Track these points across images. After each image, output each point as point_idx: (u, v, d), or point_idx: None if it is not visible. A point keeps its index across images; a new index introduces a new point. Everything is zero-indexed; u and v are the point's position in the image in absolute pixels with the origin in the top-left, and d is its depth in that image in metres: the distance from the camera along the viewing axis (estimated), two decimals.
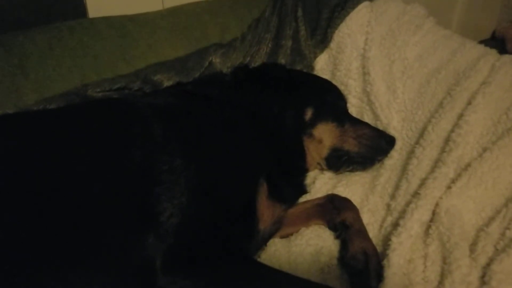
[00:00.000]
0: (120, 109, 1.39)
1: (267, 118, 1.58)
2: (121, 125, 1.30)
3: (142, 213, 1.16)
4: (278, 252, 1.41)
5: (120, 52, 1.83)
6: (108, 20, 1.87)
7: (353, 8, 1.99)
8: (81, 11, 1.96)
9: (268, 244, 1.45)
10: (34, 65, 1.66)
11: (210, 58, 1.89)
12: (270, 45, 2.01)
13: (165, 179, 1.20)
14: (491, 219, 1.38)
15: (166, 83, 1.80)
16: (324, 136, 1.67)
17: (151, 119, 1.33)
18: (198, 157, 1.29)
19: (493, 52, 1.80)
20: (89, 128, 1.29)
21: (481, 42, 1.86)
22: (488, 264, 1.26)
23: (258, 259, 1.39)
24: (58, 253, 1.06)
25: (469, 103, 1.57)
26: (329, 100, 1.75)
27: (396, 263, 1.29)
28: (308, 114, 1.66)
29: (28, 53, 1.67)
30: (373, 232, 1.49)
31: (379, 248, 1.40)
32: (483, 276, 1.24)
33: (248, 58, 1.97)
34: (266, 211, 1.36)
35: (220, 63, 1.90)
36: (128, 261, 1.11)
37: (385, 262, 1.30)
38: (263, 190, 1.36)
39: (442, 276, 1.27)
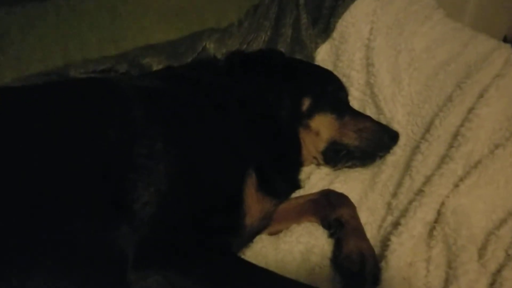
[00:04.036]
0: (100, 88, 1.31)
1: (261, 106, 1.49)
2: (98, 104, 1.21)
3: (115, 200, 1.06)
4: (265, 249, 1.31)
5: (109, 33, 1.75)
6: (98, 1, 1.78)
7: None
8: None
9: (254, 240, 1.35)
10: (13, 41, 1.59)
11: (204, 43, 1.79)
12: (269, 33, 1.92)
13: (143, 164, 1.11)
14: (503, 221, 1.28)
15: (156, 68, 1.72)
16: (322, 128, 1.58)
17: (132, 100, 1.24)
18: (181, 142, 1.20)
19: (507, 46, 1.70)
20: (63, 105, 1.20)
21: None
22: (499, 271, 1.17)
23: (243, 256, 1.29)
24: (17, 242, 0.96)
25: (480, 96, 1.47)
26: (328, 91, 1.65)
27: (395, 265, 1.20)
28: (306, 104, 1.57)
29: (8, 29, 1.60)
30: (372, 232, 1.38)
31: (377, 249, 1.30)
32: (492, 283, 1.14)
33: (245, 46, 1.87)
34: (254, 204, 1.26)
35: (215, 49, 1.81)
36: (97, 253, 1.02)
37: (383, 264, 1.22)
38: (251, 182, 1.26)
39: (447, 282, 1.17)
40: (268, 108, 1.50)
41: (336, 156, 1.60)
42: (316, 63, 1.95)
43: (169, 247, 1.05)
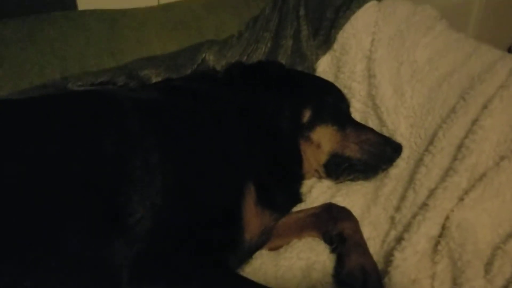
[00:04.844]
0: (96, 100, 1.28)
1: (260, 117, 1.46)
2: (94, 116, 1.19)
3: (109, 214, 1.04)
4: (264, 266, 1.27)
5: (107, 45, 1.74)
6: (96, 13, 1.79)
7: (359, 7, 1.86)
8: (71, 5, 1.87)
9: (254, 256, 1.31)
10: (11, 54, 1.58)
11: (203, 55, 1.77)
12: (269, 45, 1.89)
13: (139, 176, 1.09)
14: (509, 235, 1.24)
15: (154, 80, 1.70)
16: (323, 140, 1.54)
17: (128, 112, 1.22)
18: (178, 154, 1.18)
19: (511, 56, 1.65)
20: (58, 117, 1.17)
21: None
22: (506, 287, 1.12)
23: (242, 273, 1.25)
24: (8, 256, 0.94)
25: (484, 107, 1.43)
26: (329, 102, 1.62)
27: (399, 282, 1.16)
28: (306, 115, 1.54)
29: (5, 42, 1.58)
30: (375, 247, 1.34)
31: (380, 265, 1.25)
32: None
33: (245, 58, 1.85)
34: (253, 219, 1.24)
35: (214, 61, 1.78)
36: (91, 268, 1.00)
37: (386, 280, 1.17)
38: (250, 195, 1.24)
39: None
40: (267, 120, 1.47)
41: (338, 169, 1.56)
42: (317, 74, 1.92)
43: (164, 263, 1.02)
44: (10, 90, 1.53)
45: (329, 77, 1.88)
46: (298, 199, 1.51)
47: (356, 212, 1.42)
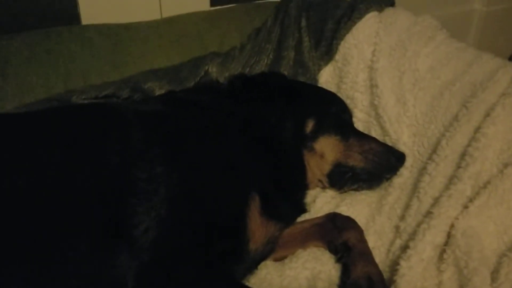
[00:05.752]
0: (99, 113, 1.30)
1: (264, 128, 1.46)
2: (97, 129, 1.20)
3: (114, 226, 1.04)
4: (269, 276, 1.26)
5: (110, 59, 1.76)
6: (99, 27, 1.82)
7: (360, 18, 1.87)
8: (75, 20, 1.89)
9: (259, 266, 1.31)
10: (15, 68, 1.60)
11: (206, 67, 1.78)
12: (271, 56, 1.91)
13: (143, 188, 1.09)
14: None
15: (158, 92, 1.71)
16: (326, 150, 1.54)
17: (132, 124, 1.23)
18: (182, 165, 1.18)
19: None
20: (62, 131, 1.19)
21: None
22: None
23: (247, 283, 1.24)
24: (8, 267, 0.95)
25: (487, 115, 1.43)
26: (332, 112, 1.63)
27: None
28: (309, 125, 1.54)
29: (10, 56, 1.61)
30: (380, 257, 1.34)
31: (386, 274, 1.25)
32: None
33: (248, 69, 1.86)
34: (258, 229, 1.23)
35: (217, 72, 1.80)
36: (95, 279, 1.01)
37: None
38: (255, 205, 1.23)
39: None
40: (271, 130, 1.47)
41: (341, 178, 1.56)
42: (319, 85, 1.92)
43: (169, 273, 1.03)
44: (15, 104, 1.55)
45: (332, 88, 1.89)
46: (302, 209, 1.51)
47: (360, 221, 1.42)
